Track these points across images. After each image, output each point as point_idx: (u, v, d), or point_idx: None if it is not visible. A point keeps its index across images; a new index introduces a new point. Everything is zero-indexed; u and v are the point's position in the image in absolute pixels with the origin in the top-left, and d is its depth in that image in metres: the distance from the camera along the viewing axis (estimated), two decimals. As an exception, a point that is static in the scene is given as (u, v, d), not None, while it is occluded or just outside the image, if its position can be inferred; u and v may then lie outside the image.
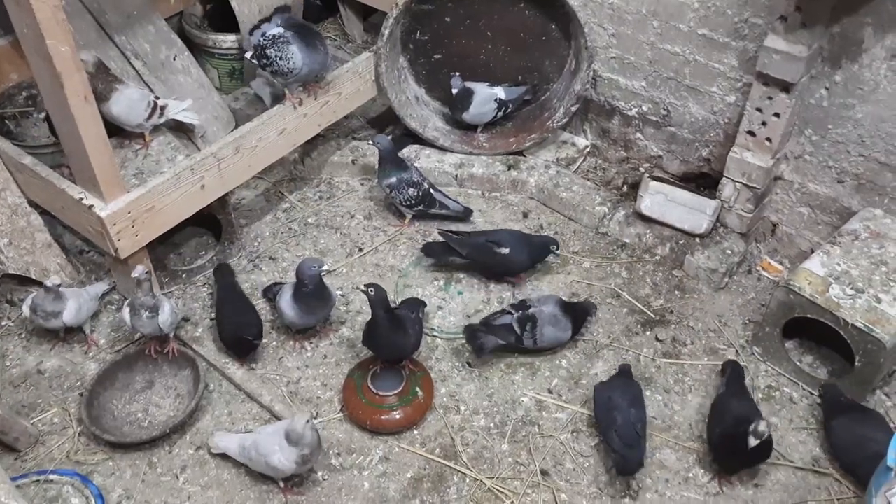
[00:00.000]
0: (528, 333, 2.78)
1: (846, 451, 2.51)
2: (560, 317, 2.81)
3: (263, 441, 2.38)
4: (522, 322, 2.79)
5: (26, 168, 2.81)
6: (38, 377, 2.80)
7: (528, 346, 2.83)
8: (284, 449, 2.31)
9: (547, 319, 2.80)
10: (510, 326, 2.79)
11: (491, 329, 2.81)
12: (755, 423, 2.31)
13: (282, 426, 2.38)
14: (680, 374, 2.84)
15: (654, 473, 2.54)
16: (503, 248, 3.05)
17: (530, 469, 2.55)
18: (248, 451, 2.43)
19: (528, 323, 2.79)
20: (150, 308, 2.63)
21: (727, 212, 3.20)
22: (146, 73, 3.25)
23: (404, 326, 2.62)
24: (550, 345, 2.86)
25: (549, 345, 2.86)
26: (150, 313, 2.64)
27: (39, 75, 2.37)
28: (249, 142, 2.99)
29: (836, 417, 2.56)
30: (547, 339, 2.82)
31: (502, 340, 2.79)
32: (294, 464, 2.33)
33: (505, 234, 3.11)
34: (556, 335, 2.82)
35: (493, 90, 3.50)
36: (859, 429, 2.50)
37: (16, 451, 2.55)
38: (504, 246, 3.05)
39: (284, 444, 2.31)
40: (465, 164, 3.58)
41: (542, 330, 2.79)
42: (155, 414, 2.71)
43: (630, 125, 3.54)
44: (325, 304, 2.85)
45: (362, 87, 3.43)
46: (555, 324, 2.80)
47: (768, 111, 2.89)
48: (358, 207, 3.51)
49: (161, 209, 2.76)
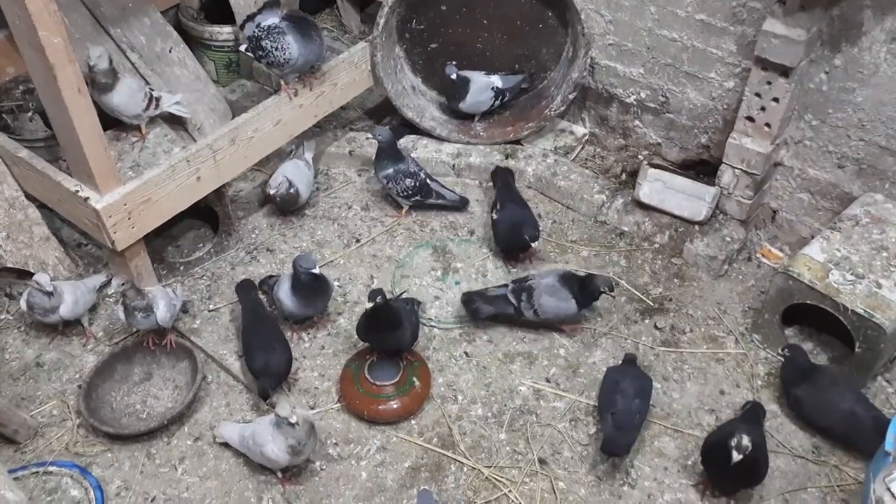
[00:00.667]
0: (526, 304, 2.77)
1: (820, 420, 2.56)
2: (559, 287, 2.77)
3: (260, 431, 2.38)
4: (517, 293, 2.80)
5: (23, 161, 2.81)
6: (37, 370, 2.81)
7: (530, 318, 2.81)
8: (277, 439, 2.31)
9: (544, 289, 2.77)
10: (505, 297, 2.81)
11: (487, 300, 2.84)
12: (737, 436, 2.21)
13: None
14: (679, 361, 2.83)
15: (652, 461, 2.53)
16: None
17: (528, 458, 2.55)
18: (246, 441, 2.43)
19: (523, 293, 2.79)
20: (144, 309, 2.64)
21: (726, 199, 3.17)
22: (142, 66, 3.24)
23: (400, 321, 2.61)
24: (556, 316, 2.83)
25: (553, 316, 2.82)
26: (145, 313, 2.64)
27: (33, 67, 2.37)
28: (245, 133, 2.99)
29: (799, 385, 2.58)
30: (548, 310, 2.79)
31: (501, 310, 2.80)
32: (286, 454, 2.32)
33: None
34: (556, 305, 2.78)
35: (489, 79, 3.48)
36: (826, 393, 2.54)
37: (15, 443, 2.56)
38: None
39: (277, 434, 2.31)
40: (463, 154, 3.56)
41: (540, 300, 2.76)
42: (153, 405, 2.72)
43: (628, 112, 3.51)
44: (324, 295, 2.84)
45: (358, 78, 3.41)
46: (553, 293, 2.76)
47: (767, 96, 2.86)
48: (355, 198, 3.51)
49: (157, 201, 2.76)
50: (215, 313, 3.00)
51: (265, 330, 2.72)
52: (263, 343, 2.66)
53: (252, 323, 2.76)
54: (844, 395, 2.53)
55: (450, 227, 3.36)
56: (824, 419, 2.55)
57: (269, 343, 2.66)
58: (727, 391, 2.73)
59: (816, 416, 2.57)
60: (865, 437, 2.44)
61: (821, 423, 2.57)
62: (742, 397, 2.71)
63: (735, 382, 2.76)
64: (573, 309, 2.80)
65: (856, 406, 2.50)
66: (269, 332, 2.71)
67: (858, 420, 2.48)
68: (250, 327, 2.74)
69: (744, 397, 2.71)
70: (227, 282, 3.12)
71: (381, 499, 2.45)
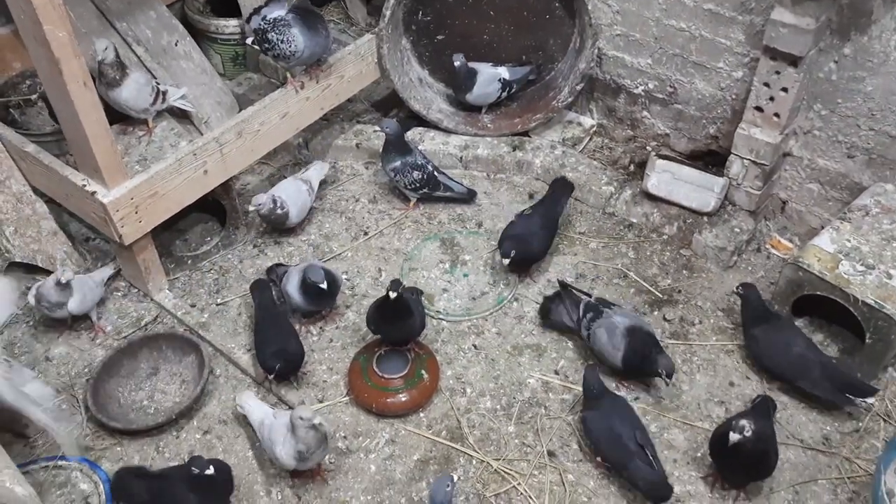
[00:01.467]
0: (585, 322, 2.71)
1: (771, 358, 2.66)
2: (618, 332, 2.61)
3: (277, 427, 2.37)
4: (588, 308, 2.73)
5: (30, 156, 2.81)
6: (47, 364, 2.81)
7: (582, 336, 2.76)
8: (287, 443, 2.30)
9: (606, 324, 2.65)
10: (578, 303, 2.77)
11: (567, 296, 2.83)
12: (737, 420, 2.21)
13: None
14: (688, 353, 2.82)
15: (661, 454, 2.51)
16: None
17: (537, 450, 2.54)
18: (264, 429, 2.42)
19: (591, 313, 2.71)
20: (56, 304, 2.75)
21: (735, 189, 3.16)
22: (148, 60, 3.24)
23: (410, 308, 2.61)
24: (599, 351, 2.68)
25: (597, 350, 2.69)
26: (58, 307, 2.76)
27: (38, 62, 2.36)
28: (252, 126, 2.98)
29: (757, 325, 2.66)
30: (596, 342, 2.68)
31: (567, 319, 2.80)
32: (292, 459, 2.31)
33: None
34: (604, 344, 2.64)
35: (496, 70, 3.47)
36: (780, 335, 2.63)
37: (25, 438, 2.57)
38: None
39: (288, 436, 2.30)
40: (470, 146, 3.55)
41: (597, 330, 2.67)
42: (161, 400, 2.72)
43: (636, 103, 3.49)
44: (331, 296, 2.84)
45: (365, 70, 3.40)
46: (610, 334, 2.63)
47: (776, 86, 2.84)
48: (363, 191, 3.50)
49: (164, 195, 2.76)
50: (223, 307, 3.00)
51: (280, 325, 2.72)
52: (278, 336, 2.67)
53: (265, 320, 2.75)
54: (797, 339, 2.63)
55: (458, 220, 3.35)
56: (776, 359, 2.64)
57: (285, 336, 2.67)
58: (737, 383, 2.72)
59: (769, 356, 2.66)
60: (812, 381, 2.56)
61: (772, 363, 2.66)
62: (752, 389, 2.70)
63: (744, 374, 2.75)
64: (617, 360, 2.62)
65: (807, 351, 2.59)
66: (285, 328, 2.72)
67: (807, 364, 2.57)
68: (264, 323, 2.73)
69: (753, 389, 2.69)
70: (235, 275, 3.12)
71: (390, 491, 2.45)
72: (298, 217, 3.20)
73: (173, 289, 3.05)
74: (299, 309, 2.85)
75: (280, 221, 3.15)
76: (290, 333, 2.70)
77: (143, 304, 3.01)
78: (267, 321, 2.74)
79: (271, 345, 2.64)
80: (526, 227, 3.02)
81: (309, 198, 3.25)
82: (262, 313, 2.77)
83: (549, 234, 3.08)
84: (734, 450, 2.21)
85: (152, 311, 2.98)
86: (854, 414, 2.62)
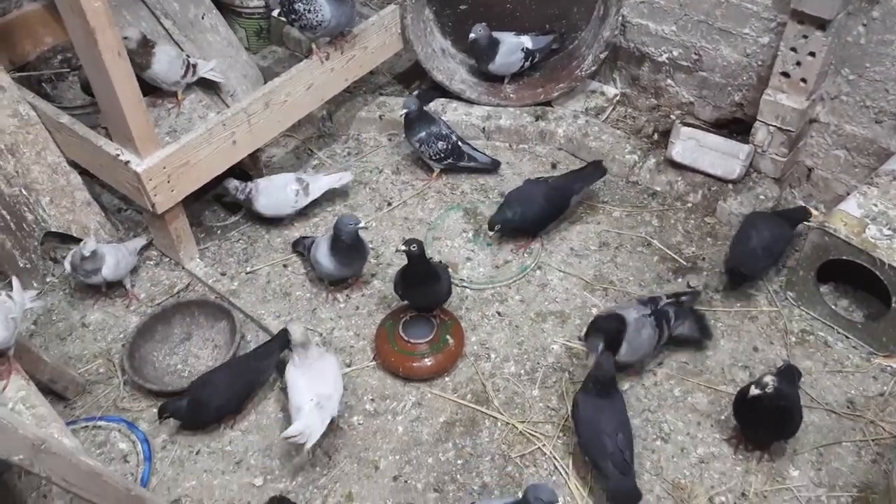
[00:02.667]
0: (667, 327, 2.59)
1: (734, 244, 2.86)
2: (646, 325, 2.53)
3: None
4: (659, 316, 2.57)
5: (64, 127, 2.88)
6: (83, 330, 2.90)
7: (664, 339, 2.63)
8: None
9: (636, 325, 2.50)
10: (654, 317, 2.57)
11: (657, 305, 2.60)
12: (763, 376, 2.21)
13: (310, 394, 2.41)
14: (712, 320, 2.82)
15: (685, 417, 2.55)
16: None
17: (561, 413, 2.58)
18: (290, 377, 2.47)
19: (662, 319, 2.58)
20: (90, 272, 2.80)
21: (760, 156, 3.15)
22: (176, 33, 3.28)
23: (437, 274, 2.66)
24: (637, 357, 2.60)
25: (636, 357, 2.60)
26: (92, 273, 2.81)
27: (74, 32, 2.41)
28: (278, 97, 3.02)
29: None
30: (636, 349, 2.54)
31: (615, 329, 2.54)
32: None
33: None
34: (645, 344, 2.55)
35: (519, 39, 3.47)
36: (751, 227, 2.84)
37: (65, 399, 2.65)
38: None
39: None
40: (493, 117, 3.56)
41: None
42: (194, 364, 2.79)
43: (660, 72, 3.48)
44: (361, 256, 2.89)
45: (388, 41, 3.42)
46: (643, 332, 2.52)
47: (803, 51, 2.82)
48: (386, 162, 3.53)
49: (195, 164, 2.81)
50: (252, 275, 3.06)
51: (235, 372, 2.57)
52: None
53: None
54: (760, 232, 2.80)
55: (480, 190, 3.38)
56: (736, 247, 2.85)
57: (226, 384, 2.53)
58: (761, 348, 2.74)
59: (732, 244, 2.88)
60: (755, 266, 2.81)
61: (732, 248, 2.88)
62: (776, 354, 2.71)
63: (769, 339, 2.76)
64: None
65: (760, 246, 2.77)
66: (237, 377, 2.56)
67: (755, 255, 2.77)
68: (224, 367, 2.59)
69: (777, 354, 2.71)
70: (263, 245, 3.18)
71: (417, 452, 2.50)
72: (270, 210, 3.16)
73: (204, 258, 3.12)
74: (330, 275, 2.90)
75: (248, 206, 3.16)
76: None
77: (175, 272, 3.08)
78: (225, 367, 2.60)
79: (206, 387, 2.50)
80: (528, 193, 3.00)
81: (290, 202, 3.15)
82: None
83: (552, 207, 3.02)
84: (755, 404, 2.24)
85: (184, 279, 3.05)
86: (879, 378, 2.63)
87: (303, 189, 3.16)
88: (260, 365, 2.59)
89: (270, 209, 3.16)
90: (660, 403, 2.60)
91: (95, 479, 1.81)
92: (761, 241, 2.79)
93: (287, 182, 3.16)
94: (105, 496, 1.85)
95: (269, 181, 3.17)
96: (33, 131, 2.94)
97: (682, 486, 2.39)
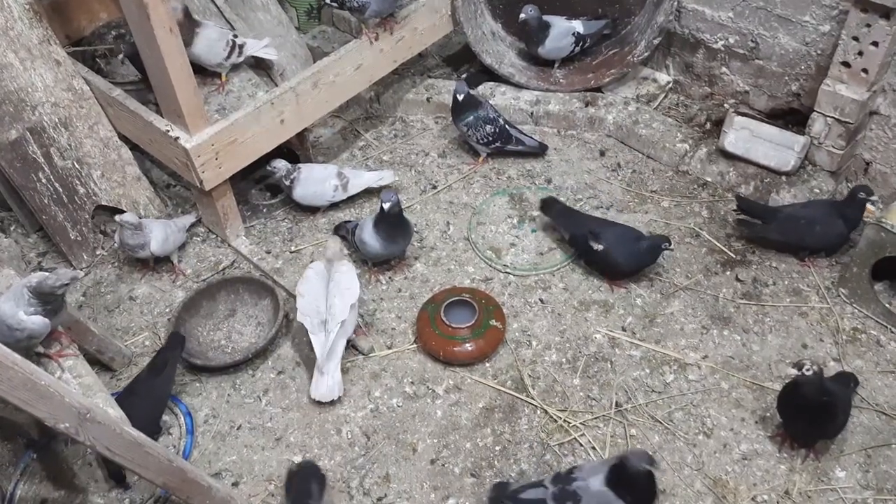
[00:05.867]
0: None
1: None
2: (612, 498, 2.04)
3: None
4: (561, 500, 2.10)
5: (116, 102, 2.92)
6: (130, 303, 2.95)
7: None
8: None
9: (595, 498, 2.06)
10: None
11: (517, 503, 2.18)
12: (803, 360, 2.18)
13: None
14: (760, 314, 2.77)
15: (729, 412, 2.50)
16: (598, 244, 2.81)
17: (602, 403, 2.55)
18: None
19: (568, 502, 2.09)
20: (137, 246, 2.87)
21: (816, 149, 3.05)
22: (227, 10, 3.30)
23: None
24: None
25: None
26: (140, 248, 2.88)
27: (127, 8, 2.44)
28: (327, 77, 3.02)
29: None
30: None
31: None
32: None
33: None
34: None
35: (570, 24, 3.42)
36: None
37: (111, 370, 2.71)
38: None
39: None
40: (541, 102, 3.52)
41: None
42: (237, 340, 2.83)
43: (715, 59, 3.39)
44: (406, 234, 2.89)
45: (438, 23, 3.40)
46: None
47: (866, 40, 2.72)
48: (432, 146, 3.52)
49: (243, 142, 2.83)
50: (296, 254, 3.08)
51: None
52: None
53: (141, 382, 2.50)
54: None
55: (526, 175, 3.35)
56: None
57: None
58: (810, 345, 2.67)
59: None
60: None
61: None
62: (825, 352, 2.64)
63: (819, 336, 2.69)
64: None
65: None
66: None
67: None
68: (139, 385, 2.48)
69: (827, 352, 2.64)
70: (308, 225, 3.20)
71: (455, 436, 2.50)
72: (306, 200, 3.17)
73: (249, 235, 3.15)
74: (376, 255, 2.90)
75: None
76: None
77: (221, 249, 3.12)
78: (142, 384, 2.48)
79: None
80: (628, 236, 2.85)
81: (327, 195, 3.16)
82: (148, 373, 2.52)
83: (643, 255, 2.83)
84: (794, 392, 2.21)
85: (229, 256, 3.09)
86: (934, 381, 2.54)
87: (342, 185, 3.16)
88: (162, 379, 2.47)
89: (307, 200, 3.18)
90: (703, 398, 2.55)
91: (138, 450, 1.85)
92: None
93: (327, 176, 3.15)
94: (147, 466, 1.88)
95: (311, 171, 3.16)
96: (86, 105, 2.99)
97: (723, 482, 2.35)
